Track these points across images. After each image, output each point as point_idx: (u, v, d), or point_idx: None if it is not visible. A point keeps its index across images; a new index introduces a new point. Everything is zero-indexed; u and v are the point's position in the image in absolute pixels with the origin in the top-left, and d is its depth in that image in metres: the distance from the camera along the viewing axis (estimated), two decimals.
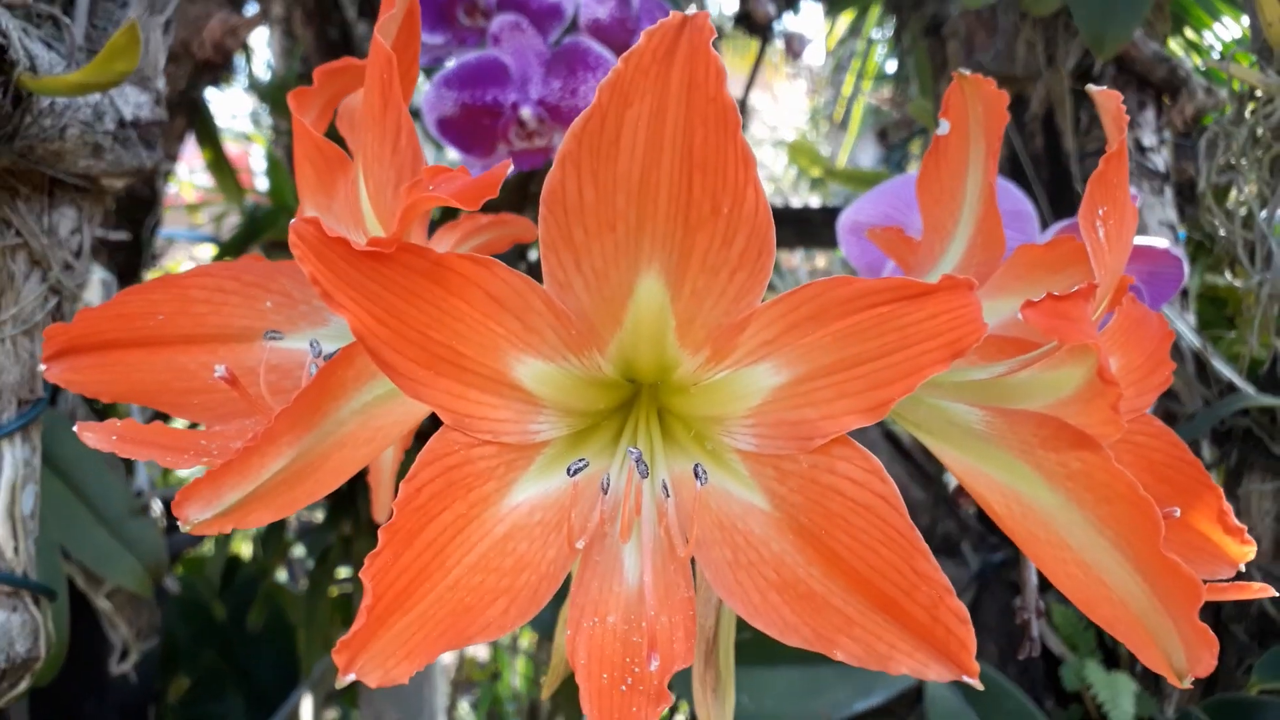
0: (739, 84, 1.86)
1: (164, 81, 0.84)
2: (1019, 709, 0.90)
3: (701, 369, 0.48)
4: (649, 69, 0.40)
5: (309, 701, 1.86)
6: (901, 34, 1.72)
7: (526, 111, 0.98)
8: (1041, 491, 0.48)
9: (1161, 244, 0.88)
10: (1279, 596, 0.54)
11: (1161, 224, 1.16)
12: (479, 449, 0.47)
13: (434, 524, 0.45)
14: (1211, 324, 1.28)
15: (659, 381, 0.52)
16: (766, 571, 0.48)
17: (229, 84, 1.86)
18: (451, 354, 0.45)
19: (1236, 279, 1.12)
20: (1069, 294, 0.43)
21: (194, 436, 0.54)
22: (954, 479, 0.95)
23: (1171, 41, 1.39)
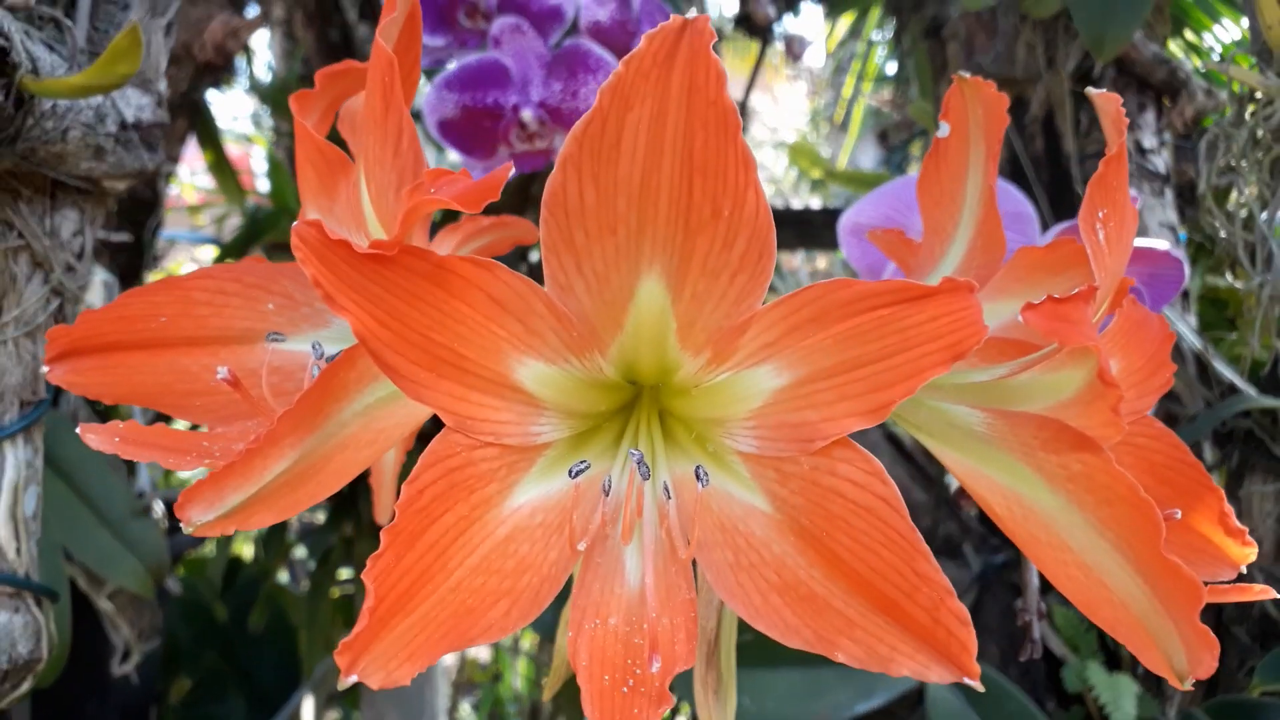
0: (739, 86, 1.87)
1: (165, 83, 0.84)
2: (1020, 710, 0.90)
3: (703, 371, 0.48)
4: (649, 72, 0.40)
5: (310, 703, 1.86)
6: (901, 36, 1.72)
7: (527, 114, 0.98)
8: (1042, 493, 0.48)
9: (1162, 246, 0.88)
10: None
11: (1162, 226, 1.16)
12: (481, 451, 0.47)
13: (436, 526, 0.45)
14: (1212, 325, 1.28)
15: (660, 383, 0.52)
16: (768, 573, 0.48)
17: (230, 86, 1.87)
18: (453, 356, 0.45)
19: (1237, 280, 1.12)
20: (1069, 296, 0.43)
21: (196, 438, 0.54)
22: (955, 481, 0.95)
23: (1171, 43, 1.39)
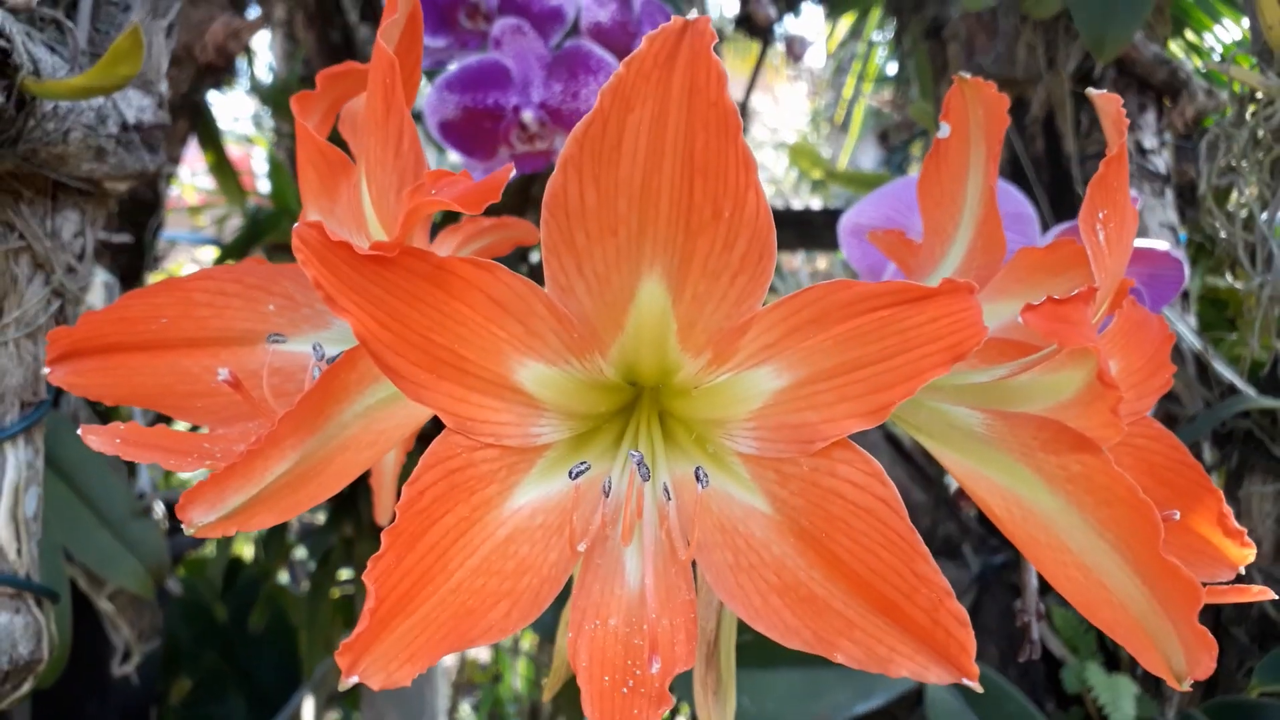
0: (740, 86, 1.87)
1: (166, 85, 0.84)
2: (1020, 711, 0.90)
3: (703, 372, 0.48)
4: (650, 74, 0.40)
5: (310, 703, 1.87)
6: (902, 36, 1.72)
7: (528, 114, 0.99)
8: (1042, 494, 0.49)
9: (1162, 246, 0.88)
10: (1279, 599, 0.54)
11: (1162, 226, 1.16)
12: (481, 452, 0.47)
13: (437, 527, 0.45)
14: (1212, 326, 1.28)
15: (660, 385, 0.52)
16: (767, 574, 0.48)
17: (231, 87, 1.87)
18: (454, 357, 0.45)
19: (1237, 281, 1.12)
20: (1069, 297, 0.43)
21: (197, 439, 0.54)
22: (954, 481, 0.96)
23: (1172, 44, 1.39)
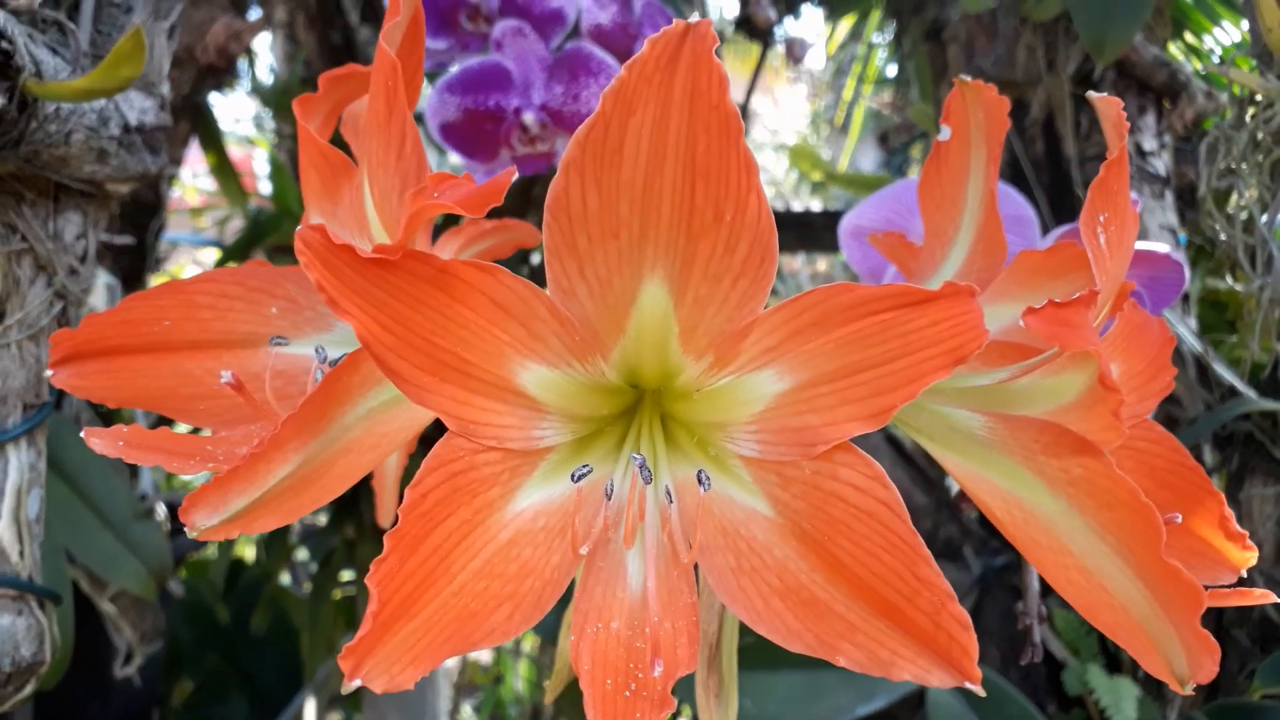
0: (740, 88, 1.87)
1: (168, 86, 0.84)
2: (1021, 714, 0.90)
3: (705, 375, 0.48)
4: (652, 77, 0.41)
5: (312, 705, 1.87)
6: (902, 38, 1.72)
7: (529, 116, 0.99)
8: (1043, 497, 0.49)
9: (1162, 249, 0.88)
10: None
11: (1162, 228, 1.16)
12: (484, 455, 0.47)
13: (439, 530, 0.45)
14: (1212, 328, 1.28)
15: (662, 387, 0.52)
16: (769, 577, 0.48)
17: (232, 88, 1.87)
18: (456, 360, 0.45)
19: (1237, 283, 1.12)
20: (1070, 300, 0.43)
21: (200, 442, 0.54)
22: (956, 484, 0.96)
23: (1171, 46, 1.40)
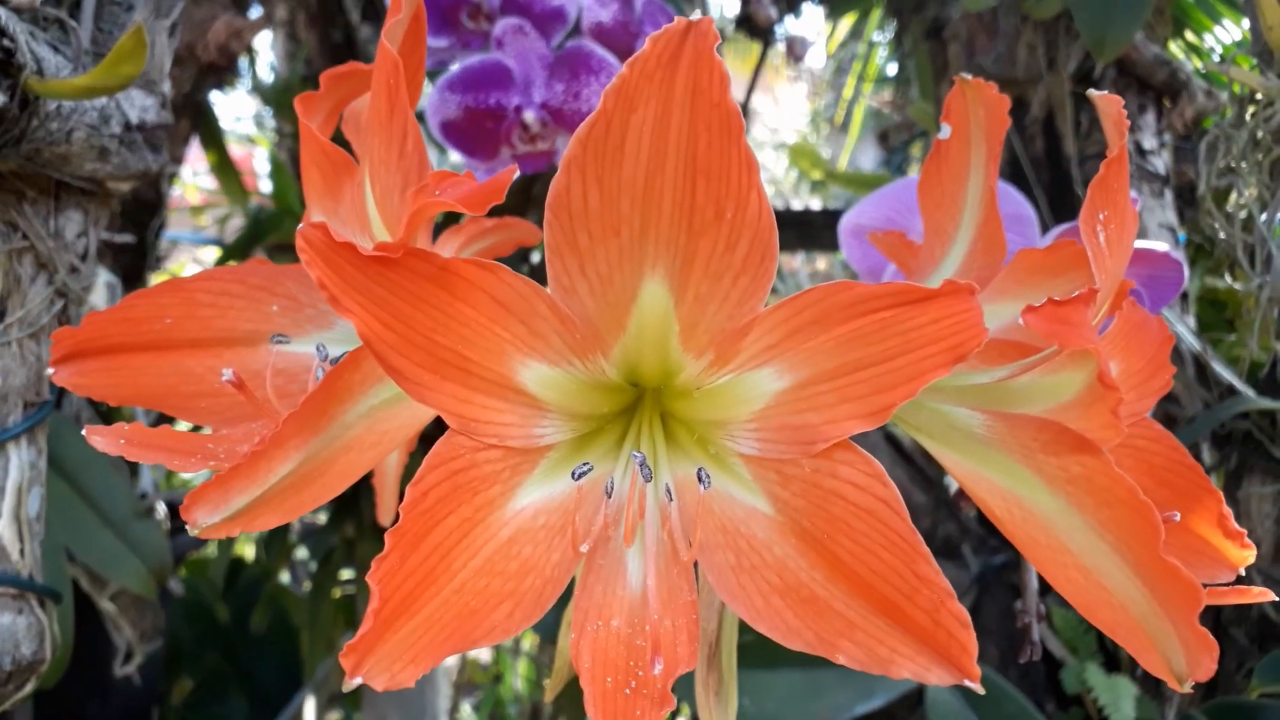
0: (741, 87, 1.87)
1: (169, 84, 0.84)
2: (1020, 712, 0.90)
3: (705, 373, 0.48)
4: (653, 74, 0.41)
5: (312, 703, 1.87)
6: (902, 37, 1.72)
7: (529, 115, 0.99)
8: (1042, 496, 0.49)
9: (1161, 247, 0.88)
10: (1279, 600, 0.54)
11: (1161, 227, 1.16)
12: (484, 453, 0.48)
13: (440, 528, 0.45)
14: (1211, 327, 1.28)
15: (662, 386, 0.52)
16: (769, 575, 0.48)
17: (233, 87, 1.87)
18: (457, 358, 0.45)
19: (1236, 282, 1.12)
20: (1070, 299, 0.43)
21: (201, 440, 0.54)
22: (955, 483, 0.96)
23: (1172, 45, 1.40)
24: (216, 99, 1.68)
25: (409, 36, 0.54)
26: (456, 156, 1.07)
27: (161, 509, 1.10)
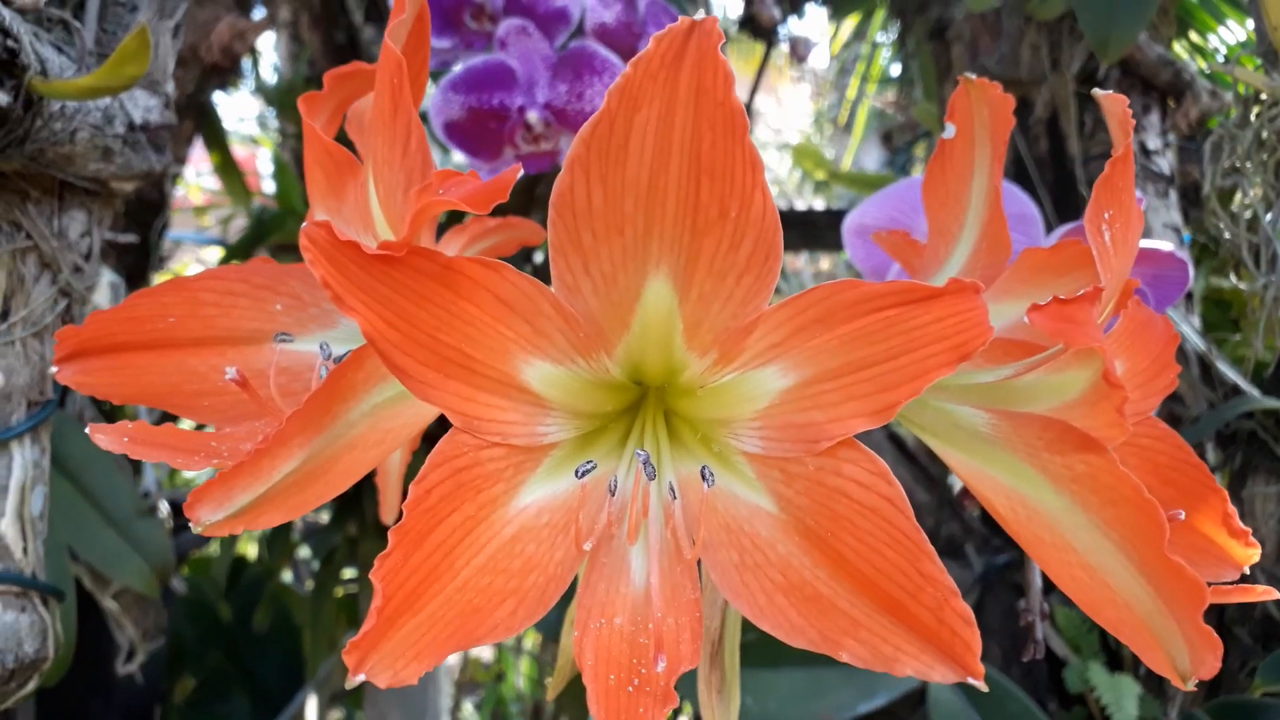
0: (744, 88, 1.87)
1: (173, 85, 0.84)
2: (1022, 711, 0.90)
3: (709, 372, 0.48)
4: (657, 74, 0.41)
5: (314, 702, 1.87)
6: (906, 37, 1.72)
7: (533, 115, 0.99)
8: (1046, 494, 0.49)
9: (1166, 247, 0.88)
10: None
11: (1166, 227, 1.16)
12: (488, 451, 0.48)
13: (443, 525, 0.45)
14: (1216, 327, 1.28)
15: (666, 384, 0.52)
16: (773, 573, 0.48)
17: (236, 87, 1.87)
18: (461, 357, 0.45)
19: (1241, 282, 1.12)
20: (1075, 297, 0.43)
21: (204, 438, 0.54)
22: (958, 481, 0.95)
23: (1176, 45, 1.39)
24: (220, 100, 1.68)
25: (412, 36, 0.54)
26: (460, 157, 1.07)
27: (164, 508, 1.10)
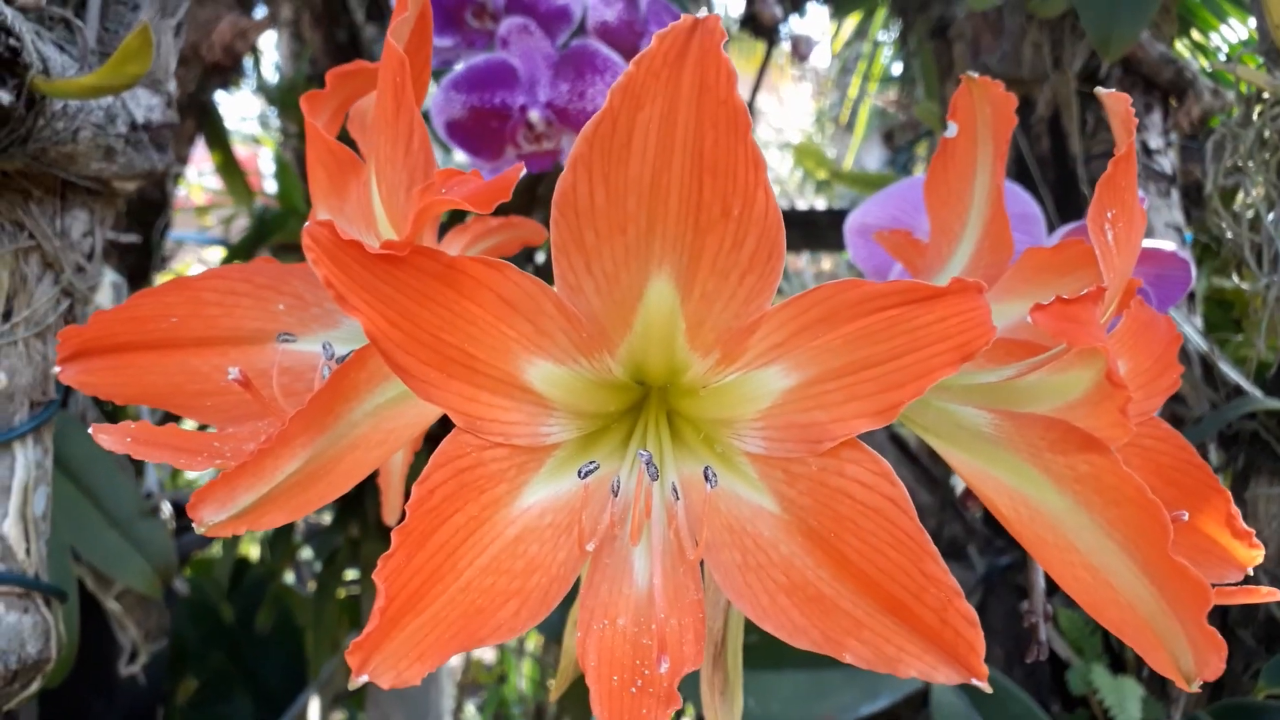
0: (745, 87, 1.87)
1: (175, 84, 0.84)
2: (1025, 713, 0.90)
3: (711, 372, 0.48)
4: (660, 72, 0.41)
5: (316, 703, 1.87)
6: (907, 36, 1.72)
7: (534, 114, 0.99)
8: (1049, 495, 0.48)
9: (1168, 247, 0.88)
10: None
11: (1168, 226, 1.16)
12: (491, 451, 0.47)
13: (446, 526, 0.45)
14: (1218, 327, 1.28)
15: (669, 384, 0.52)
16: (776, 574, 0.48)
17: (238, 87, 1.87)
18: (463, 356, 0.45)
19: (1243, 282, 1.11)
20: (1078, 297, 0.43)
21: (207, 438, 0.54)
22: (961, 482, 0.95)
23: (1178, 43, 1.39)
24: (221, 99, 1.68)
25: (415, 35, 0.54)
26: (461, 156, 1.07)
27: (167, 508, 1.10)
